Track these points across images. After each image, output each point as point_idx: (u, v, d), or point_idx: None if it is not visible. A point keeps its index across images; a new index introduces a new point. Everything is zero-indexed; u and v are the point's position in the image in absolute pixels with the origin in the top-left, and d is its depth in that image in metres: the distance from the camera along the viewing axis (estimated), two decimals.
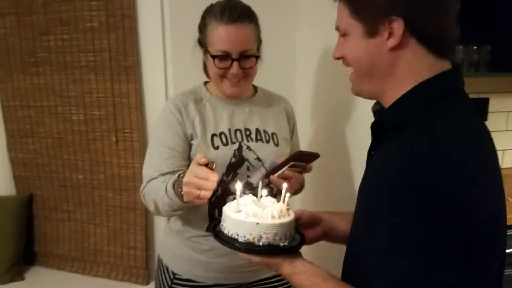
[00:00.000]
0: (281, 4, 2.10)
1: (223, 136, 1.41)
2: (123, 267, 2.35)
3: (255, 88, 1.54)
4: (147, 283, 2.31)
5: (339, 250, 1.47)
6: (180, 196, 1.21)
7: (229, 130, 1.42)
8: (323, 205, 2.01)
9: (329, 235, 1.17)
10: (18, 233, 2.38)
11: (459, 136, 0.80)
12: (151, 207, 1.37)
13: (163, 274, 1.52)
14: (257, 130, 1.46)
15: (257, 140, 1.44)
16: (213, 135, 1.41)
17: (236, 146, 1.41)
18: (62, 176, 2.36)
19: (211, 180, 1.13)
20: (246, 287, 1.50)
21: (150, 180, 1.37)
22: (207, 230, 1.43)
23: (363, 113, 1.84)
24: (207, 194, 1.15)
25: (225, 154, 1.39)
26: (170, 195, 1.25)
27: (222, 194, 1.40)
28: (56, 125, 2.30)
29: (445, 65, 0.88)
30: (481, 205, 0.76)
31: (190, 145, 1.41)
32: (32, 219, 2.47)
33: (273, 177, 1.36)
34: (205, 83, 1.51)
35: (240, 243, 0.99)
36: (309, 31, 2.09)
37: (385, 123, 0.90)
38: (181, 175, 1.21)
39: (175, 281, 1.48)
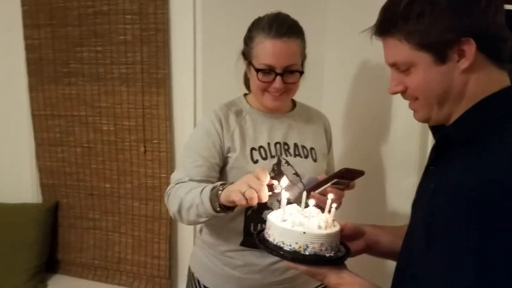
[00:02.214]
0: (309, 15, 2.09)
1: (262, 150, 1.40)
2: (146, 276, 2.36)
3: (293, 102, 1.53)
4: None
5: (379, 264, 1.45)
6: (216, 201, 1.17)
7: (268, 144, 1.41)
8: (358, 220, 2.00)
9: (372, 249, 1.16)
10: (43, 241, 2.40)
11: None
12: (174, 208, 1.31)
13: (195, 287, 1.52)
14: (295, 145, 1.45)
15: (295, 155, 1.43)
16: (252, 148, 1.40)
17: (275, 160, 1.40)
18: (89, 184, 2.40)
19: (262, 195, 1.10)
20: None
21: (179, 183, 1.35)
22: (242, 244, 1.42)
23: (399, 128, 1.81)
24: (254, 199, 1.09)
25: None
26: (203, 197, 1.21)
27: (258, 209, 1.38)
28: (86, 134, 2.34)
29: (507, 78, 0.88)
30: None
31: (226, 158, 1.40)
32: (57, 227, 2.50)
33: (314, 194, 1.28)
34: (245, 95, 1.51)
35: (286, 251, 1.00)
36: (337, 42, 2.08)
37: (453, 137, 0.88)
38: (222, 186, 1.18)
39: None
